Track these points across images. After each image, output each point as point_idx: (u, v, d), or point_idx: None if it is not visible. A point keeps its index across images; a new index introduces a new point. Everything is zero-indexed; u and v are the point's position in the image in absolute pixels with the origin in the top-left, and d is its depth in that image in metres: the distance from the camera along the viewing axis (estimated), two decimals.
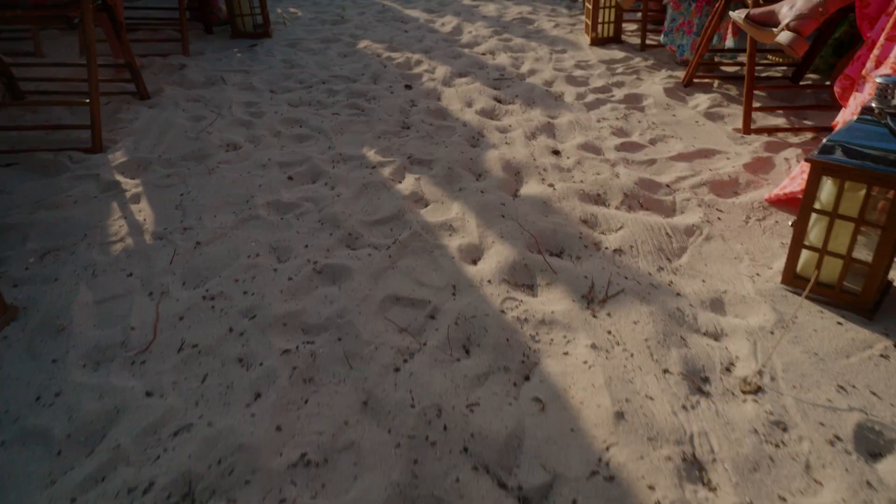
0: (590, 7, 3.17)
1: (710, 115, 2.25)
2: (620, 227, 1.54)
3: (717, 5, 2.29)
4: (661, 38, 2.68)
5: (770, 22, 1.72)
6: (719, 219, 1.57)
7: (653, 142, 2.06)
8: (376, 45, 3.19)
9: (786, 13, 1.66)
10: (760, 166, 1.84)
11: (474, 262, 1.43)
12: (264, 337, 1.16)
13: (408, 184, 1.77)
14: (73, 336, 1.17)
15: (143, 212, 1.63)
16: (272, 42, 3.26)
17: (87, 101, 1.96)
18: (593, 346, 1.13)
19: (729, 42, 2.63)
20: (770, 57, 2.73)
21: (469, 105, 2.41)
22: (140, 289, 1.32)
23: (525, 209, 1.61)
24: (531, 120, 2.23)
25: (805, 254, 1.26)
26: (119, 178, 1.80)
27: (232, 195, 1.70)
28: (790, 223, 1.25)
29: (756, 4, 1.97)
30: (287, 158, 1.93)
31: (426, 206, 1.67)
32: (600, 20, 3.17)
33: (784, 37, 1.63)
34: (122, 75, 2.57)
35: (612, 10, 3.16)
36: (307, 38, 3.33)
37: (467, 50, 3.13)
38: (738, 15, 1.81)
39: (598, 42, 3.21)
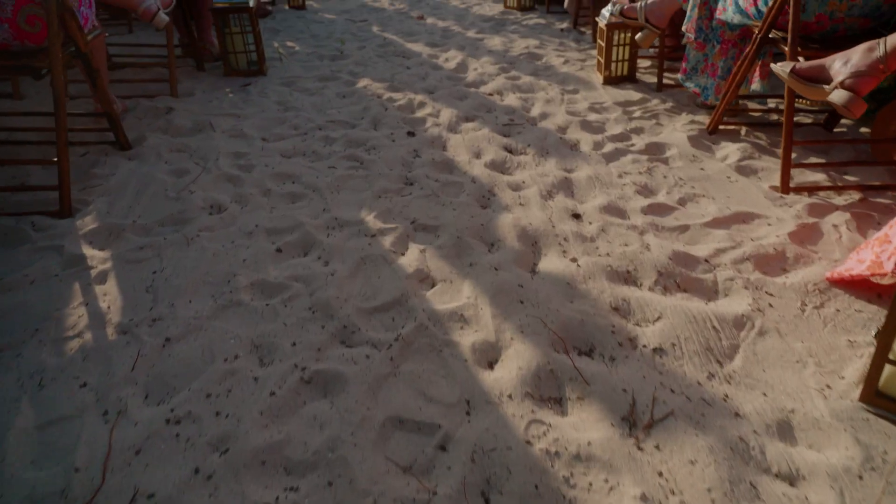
0: (602, 44, 3.00)
1: (742, 170, 2.05)
2: (658, 318, 1.33)
3: (747, 51, 2.11)
4: (680, 77, 2.50)
5: (820, 78, 1.53)
6: (771, 305, 1.36)
7: (682, 202, 1.86)
8: (377, 84, 3.01)
9: (839, 69, 1.47)
10: (807, 235, 1.64)
11: (490, 367, 1.21)
12: (237, 482, 0.95)
13: (412, 257, 1.56)
14: (5, 480, 0.96)
15: (108, 295, 1.42)
16: (267, 80, 3.08)
17: (56, 158, 1.76)
18: (644, 499, 0.92)
19: (756, 86, 2.45)
20: (799, 101, 2.54)
21: (477, 156, 2.21)
22: (93, 406, 1.10)
23: (546, 292, 1.40)
24: (546, 175, 2.03)
25: (889, 369, 1.05)
26: (86, 250, 1.60)
27: (212, 273, 1.50)
28: (873, 334, 1.04)
29: (793, 54, 1.79)
30: (276, 224, 1.73)
31: (433, 286, 1.46)
32: (614, 58, 2.99)
33: (839, 96, 1.44)
34: (102, 123, 2.39)
35: (627, 48, 2.98)
36: (304, 76, 3.15)
37: (473, 90, 2.95)
38: (781, 69, 1.62)
39: (611, 81, 3.03)
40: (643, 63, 3.34)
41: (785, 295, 1.40)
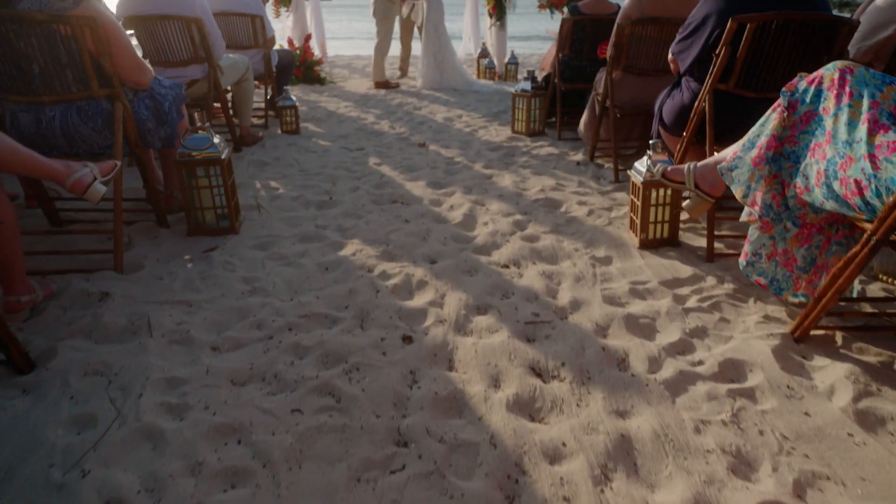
0: (637, 203, 2.52)
1: (865, 419, 1.48)
2: None
3: (854, 253, 1.60)
4: (741, 264, 1.99)
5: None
6: None
7: (799, 489, 1.27)
8: (368, 250, 2.50)
9: None
10: None
11: None
12: None
13: None
14: None
15: None
16: (237, 242, 2.58)
17: None
18: None
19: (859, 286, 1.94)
20: None
21: (496, 384, 1.65)
22: None
23: None
24: (594, 428, 1.46)
25: None
26: None
27: None
28: None
29: None
30: None
31: None
32: (651, 219, 2.51)
33: None
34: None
35: (667, 208, 2.50)
36: (283, 235, 2.66)
37: (484, 258, 2.44)
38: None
39: (649, 245, 2.53)
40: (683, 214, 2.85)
41: None
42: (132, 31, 2.99)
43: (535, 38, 17.24)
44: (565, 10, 7.10)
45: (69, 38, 2.13)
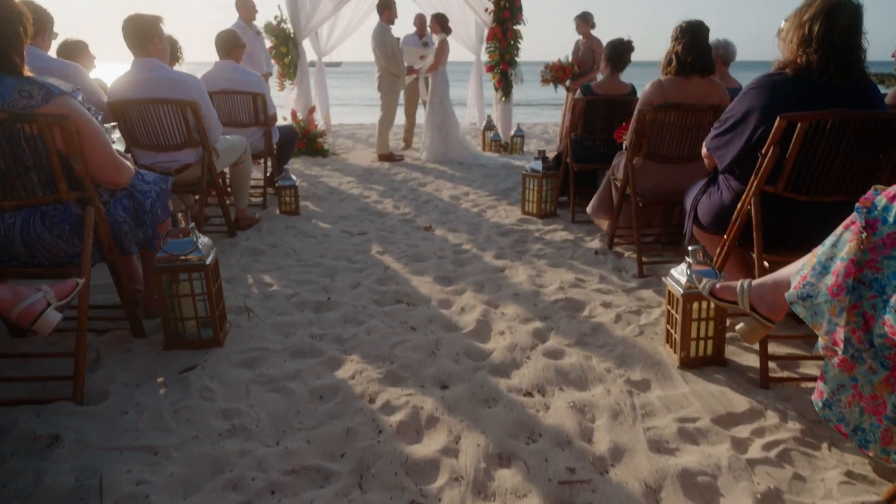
0: (675, 315, 2.22)
1: None
2: None
3: None
4: (816, 404, 1.66)
5: None
6: None
7: None
8: (369, 370, 2.18)
9: None
10: None
11: None
12: None
13: None
14: None
15: None
16: (220, 358, 2.26)
17: None
18: None
19: None
20: None
21: None
22: None
23: None
24: None
25: None
26: None
27: None
28: None
29: None
30: None
31: None
32: (693, 334, 2.20)
33: None
34: None
35: (710, 323, 2.19)
36: (273, 349, 2.34)
37: (503, 381, 2.11)
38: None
39: (690, 364, 2.21)
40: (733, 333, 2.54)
41: None
42: (115, 124, 2.78)
43: (540, 105, 17.45)
44: (568, 83, 7.07)
45: (35, 137, 1.88)
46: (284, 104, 7.85)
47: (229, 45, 4.54)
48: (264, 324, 2.57)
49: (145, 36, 3.21)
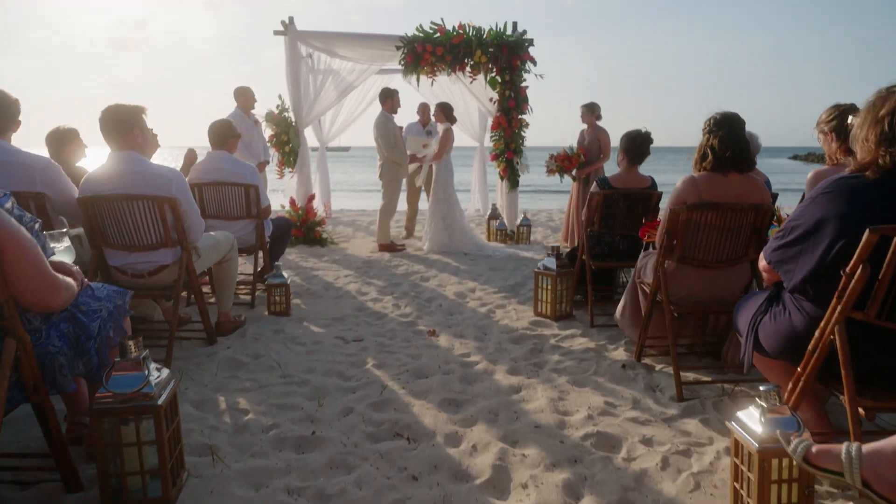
0: (746, 472, 1.75)
1: None
2: None
3: None
4: None
5: None
6: None
7: None
8: None
9: None
10: None
11: None
12: None
13: None
14: None
15: None
16: None
17: None
18: None
19: None
20: None
21: None
22: None
23: None
24: None
25: None
26: None
27: None
28: None
29: None
30: None
31: None
32: (773, 501, 1.71)
33: None
34: None
35: (794, 485, 1.72)
36: None
37: None
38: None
39: None
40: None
41: None
42: (66, 230, 2.42)
43: (546, 191, 17.35)
44: (574, 172, 6.85)
45: None
46: (284, 190, 7.62)
47: (223, 135, 4.29)
48: (231, 471, 2.09)
49: (124, 127, 2.93)
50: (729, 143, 2.68)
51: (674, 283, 2.89)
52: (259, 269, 4.67)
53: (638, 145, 3.84)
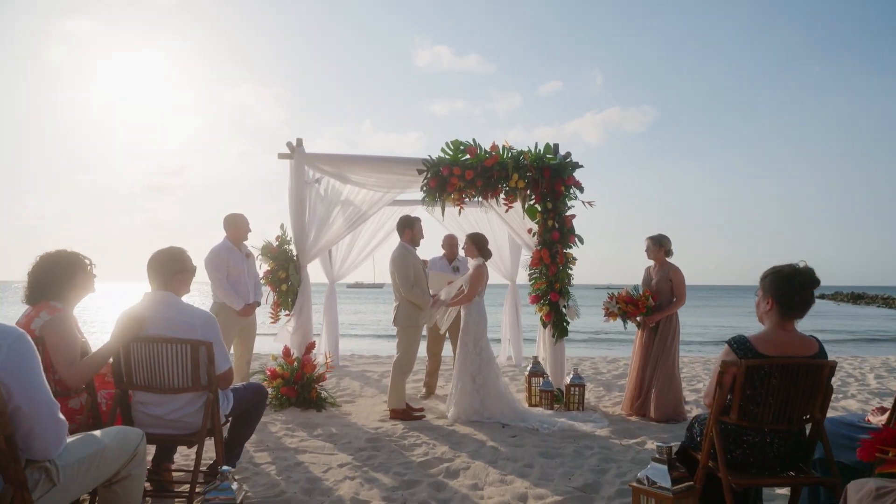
0: None
1: None
2: None
3: None
4: None
5: None
6: None
7: None
8: None
9: None
10: None
11: None
12: None
13: None
14: None
15: None
16: None
17: None
18: None
19: None
20: None
21: None
22: None
23: None
24: None
25: None
26: None
27: None
28: None
29: None
30: None
31: None
32: None
33: None
34: None
35: None
36: None
37: None
38: None
39: None
40: None
41: None
42: None
43: (597, 341, 15.17)
44: (639, 318, 5.42)
45: None
46: (278, 337, 6.21)
47: (169, 269, 3.00)
48: None
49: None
50: None
51: None
52: (211, 464, 3.17)
53: (797, 290, 2.43)
